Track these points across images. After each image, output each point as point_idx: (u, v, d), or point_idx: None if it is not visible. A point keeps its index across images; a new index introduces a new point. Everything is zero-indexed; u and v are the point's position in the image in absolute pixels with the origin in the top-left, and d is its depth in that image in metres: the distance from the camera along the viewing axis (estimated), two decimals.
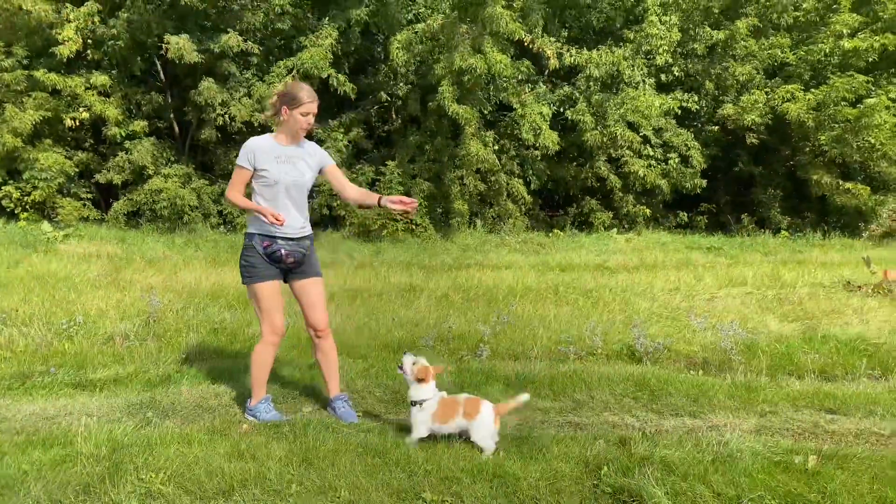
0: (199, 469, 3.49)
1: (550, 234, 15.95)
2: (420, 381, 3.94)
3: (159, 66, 16.37)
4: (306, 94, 4.23)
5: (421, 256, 12.93)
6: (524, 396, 4.02)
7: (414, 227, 15.15)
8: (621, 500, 3.35)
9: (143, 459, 3.58)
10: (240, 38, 14.62)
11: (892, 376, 5.62)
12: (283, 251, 4.28)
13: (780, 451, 3.90)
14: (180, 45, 14.16)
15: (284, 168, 4.26)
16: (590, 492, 3.43)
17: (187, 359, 5.67)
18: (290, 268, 4.39)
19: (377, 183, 15.39)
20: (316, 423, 4.26)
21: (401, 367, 4.02)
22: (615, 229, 16.46)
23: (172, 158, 16.08)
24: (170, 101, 16.56)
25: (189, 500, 3.24)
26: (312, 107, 4.23)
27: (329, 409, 4.58)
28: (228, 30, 14.75)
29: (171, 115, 16.59)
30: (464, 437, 3.93)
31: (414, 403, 3.94)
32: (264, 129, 15.72)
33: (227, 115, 14.75)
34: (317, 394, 4.96)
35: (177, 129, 16.78)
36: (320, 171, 4.48)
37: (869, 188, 15.48)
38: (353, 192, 4.52)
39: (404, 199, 4.25)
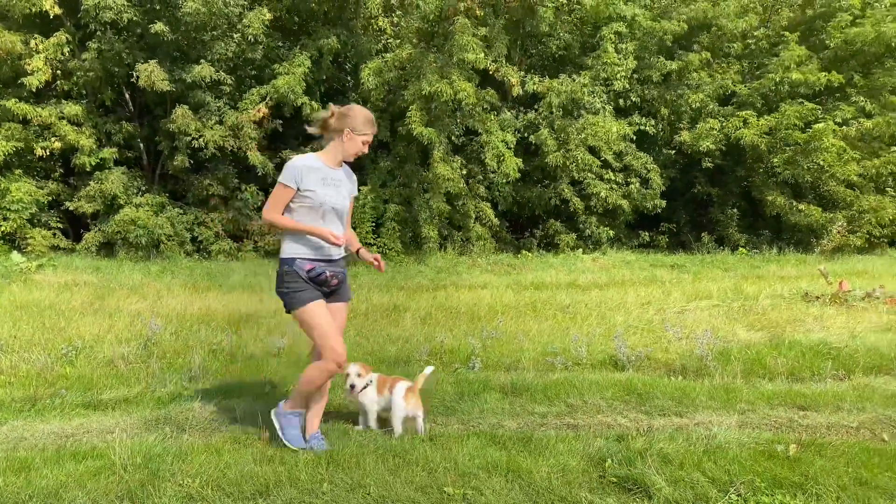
0: (232, 473, 3.72)
1: (519, 255, 16.37)
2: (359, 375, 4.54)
3: (128, 97, 16.46)
4: (373, 121, 4.20)
5: (397, 278, 13.19)
6: (429, 369, 4.74)
7: (387, 251, 15.43)
8: (626, 488, 3.67)
9: (177, 466, 3.79)
10: (211, 69, 14.83)
11: (855, 376, 6.08)
12: (327, 273, 4.12)
13: (763, 442, 4.29)
14: (151, 73, 14.29)
15: (330, 191, 4.13)
16: (597, 482, 3.74)
17: (193, 378, 5.85)
18: (333, 290, 4.26)
19: None
20: (334, 430, 4.51)
21: (351, 385, 4.52)
22: (580, 249, 16.97)
23: (143, 187, 16.12)
24: (140, 130, 16.62)
25: (230, 502, 3.46)
26: (371, 136, 4.22)
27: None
28: (201, 60, 14.96)
29: (142, 145, 16.65)
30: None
31: (366, 386, 4.57)
32: (236, 155, 15.98)
33: (201, 140, 14.87)
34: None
35: (146, 158, 16.84)
36: None
37: (820, 207, 16.33)
38: (348, 230, 4.40)
39: (379, 260, 4.32)
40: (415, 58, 15.08)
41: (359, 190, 15.40)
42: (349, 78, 17.52)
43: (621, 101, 17.25)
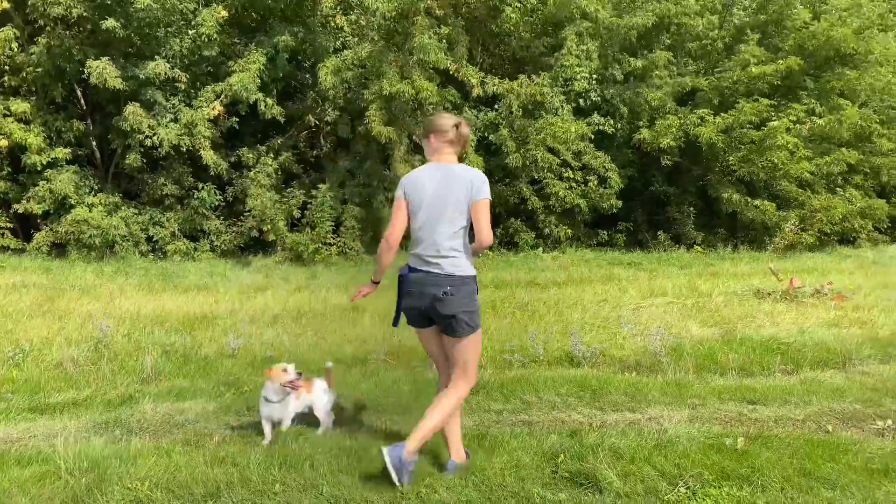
0: (182, 475, 3.67)
1: (480, 254, 16.39)
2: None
3: (80, 94, 16.06)
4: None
5: (357, 278, 13.11)
6: (328, 364, 4.95)
7: (347, 250, 15.33)
8: (578, 482, 3.72)
9: (125, 470, 3.72)
10: (167, 66, 14.54)
11: (802, 370, 6.25)
12: None
13: (713, 436, 4.38)
14: (103, 70, 13.96)
15: None
16: (550, 477, 3.78)
17: (145, 380, 5.75)
18: None
19: (308, 206, 15.49)
20: (286, 433, 4.47)
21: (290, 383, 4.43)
22: (540, 248, 17.08)
23: (96, 187, 15.75)
24: (92, 128, 16.23)
25: None
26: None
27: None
28: (155, 57, 14.66)
29: (94, 143, 16.26)
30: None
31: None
32: (192, 154, 15.73)
33: (155, 138, 14.57)
34: None
35: (99, 157, 16.45)
36: None
37: (774, 204, 16.73)
38: None
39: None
40: (374, 56, 15.00)
41: (318, 188, 15.52)
42: (308, 76, 17.34)
43: (581, 101, 17.40)
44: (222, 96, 15.05)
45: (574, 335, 6.82)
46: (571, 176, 16.99)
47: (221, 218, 15.93)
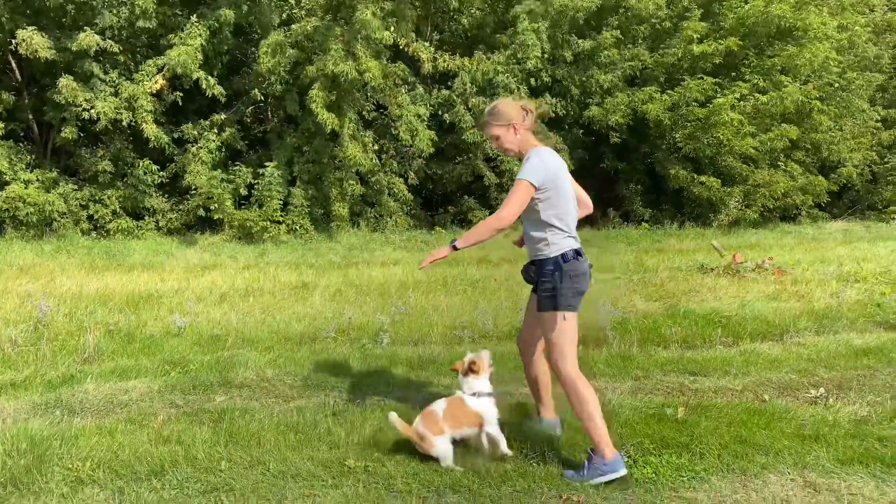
0: (126, 454, 3.61)
1: (433, 232, 16.42)
2: None
3: (14, 65, 15.39)
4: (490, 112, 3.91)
5: (307, 256, 13.02)
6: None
7: (297, 228, 15.16)
8: (522, 452, 3.78)
9: (66, 450, 3.64)
10: (98, 38, 13.94)
11: (742, 342, 6.44)
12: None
13: (654, 406, 4.51)
14: (31, 40, 13.37)
15: None
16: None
17: (87, 359, 5.61)
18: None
19: (255, 186, 15.21)
20: (232, 410, 4.43)
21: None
22: None
23: (33, 162, 15.17)
24: (26, 101, 15.59)
25: (122, 483, 3.35)
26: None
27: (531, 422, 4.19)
28: (86, 28, 14.06)
29: (30, 117, 15.64)
30: None
31: None
32: (133, 130, 15.26)
33: (92, 112, 14.06)
34: (228, 383, 5.09)
35: (36, 131, 15.84)
36: None
37: (719, 181, 17.12)
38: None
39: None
40: (319, 31, 14.68)
41: (265, 166, 15.21)
42: (254, 49, 16.93)
43: (533, 81, 17.44)
44: (165, 70, 14.59)
45: (522, 310, 6.87)
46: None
47: (165, 196, 15.53)
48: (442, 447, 3.61)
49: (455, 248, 3.68)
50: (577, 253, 3.74)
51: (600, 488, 3.40)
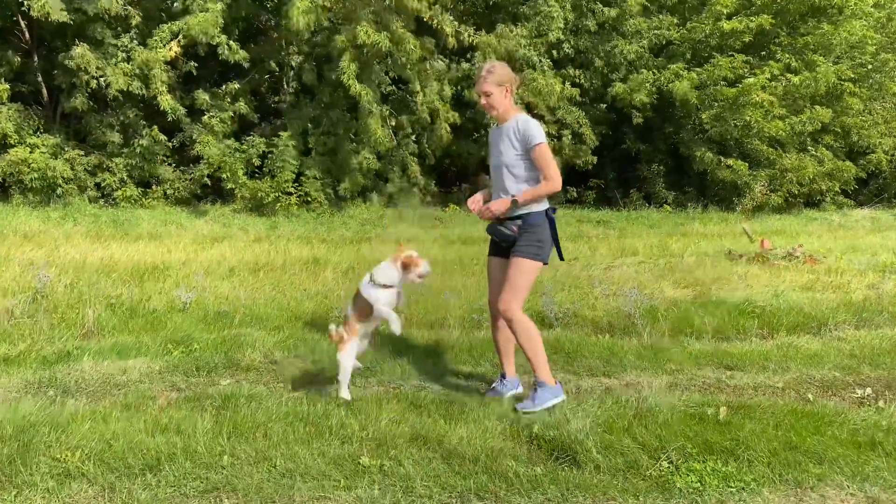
0: (119, 445, 3.30)
1: (446, 209, 16.05)
2: None
3: (23, 25, 15.01)
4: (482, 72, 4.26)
5: (319, 230, 12.70)
6: None
7: (308, 200, 14.80)
8: (555, 455, 3.45)
9: (54, 438, 3.33)
10: (117, 1, 13.58)
11: (779, 335, 6.07)
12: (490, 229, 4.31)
13: (694, 404, 4.14)
14: (45, 2, 12.97)
15: (491, 151, 4.34)
16: (523, 448, 3.51)
17: (87, 334, 5.31)
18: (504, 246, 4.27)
19: (268, 156, 14.86)
20: (237, 396, 4.11)
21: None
22: None
23: (41, 127, 14.84)
24: (36, 63, 15.22)
25: (114, 478, 3.04)
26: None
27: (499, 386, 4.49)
28: None
29: (39, 80, 15.28)
30: None
31: None
32: (144, 98, 14.88)
33: (103, 80, 13.70)
34: (234, 365, 4.78)
35: (45, 94, 15.49)
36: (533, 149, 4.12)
37: (746, 164, 16.57)
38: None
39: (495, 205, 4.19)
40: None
41: (279, 136, 14.81)
42: (270, 17, 16.47)
43: (555, 53, 16.90)
44: (180, 36, 14.17)
45: (545, 294, 6.53)
46: (547, 131, 16.58)
47: (174, 165, 15.16)
48: (344, 360, 4.09)
49: (515, 203, 4.05)
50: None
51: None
